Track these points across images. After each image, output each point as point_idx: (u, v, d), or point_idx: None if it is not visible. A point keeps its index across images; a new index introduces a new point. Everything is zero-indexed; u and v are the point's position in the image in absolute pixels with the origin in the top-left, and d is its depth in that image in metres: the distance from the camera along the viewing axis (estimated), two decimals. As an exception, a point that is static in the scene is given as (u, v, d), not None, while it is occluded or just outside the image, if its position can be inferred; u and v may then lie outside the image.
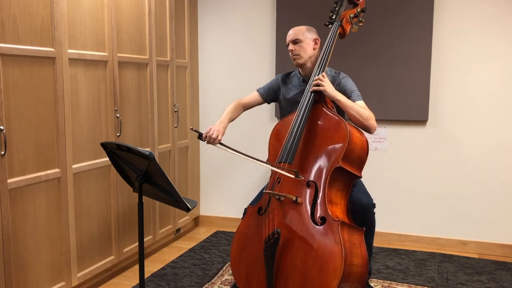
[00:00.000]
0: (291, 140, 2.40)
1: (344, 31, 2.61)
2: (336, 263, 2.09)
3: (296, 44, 2.65)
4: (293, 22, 3.79)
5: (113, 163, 2.30)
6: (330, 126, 2.40)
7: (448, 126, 3.58)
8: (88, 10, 2.74)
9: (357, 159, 2.38)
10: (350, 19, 2.61)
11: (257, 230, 2.39)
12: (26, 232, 2.39)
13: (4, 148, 2.23)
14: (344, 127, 2.34)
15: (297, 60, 2.67)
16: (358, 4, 2.64)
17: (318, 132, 2.42)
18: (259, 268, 2.32)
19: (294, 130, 2.41)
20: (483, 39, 3.45)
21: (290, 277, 2.21)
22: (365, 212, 2.48)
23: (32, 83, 2.38)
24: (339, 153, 2.31)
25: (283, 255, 2.25)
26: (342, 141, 2.32)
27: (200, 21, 4.06)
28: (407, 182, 3.70)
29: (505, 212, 3.52)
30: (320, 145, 2.39)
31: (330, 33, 2.58)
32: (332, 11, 2.62)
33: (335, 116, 2.41)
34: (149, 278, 3.08)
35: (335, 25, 2.59)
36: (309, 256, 2.18)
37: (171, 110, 3.63)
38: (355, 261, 2.15)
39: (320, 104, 2.46)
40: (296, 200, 2.29)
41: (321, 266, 2.13)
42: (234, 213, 4.10)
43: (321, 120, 2.44)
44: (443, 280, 3.07)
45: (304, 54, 2.65)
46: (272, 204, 2.38)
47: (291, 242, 2.24)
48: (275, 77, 2.93)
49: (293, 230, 2.25)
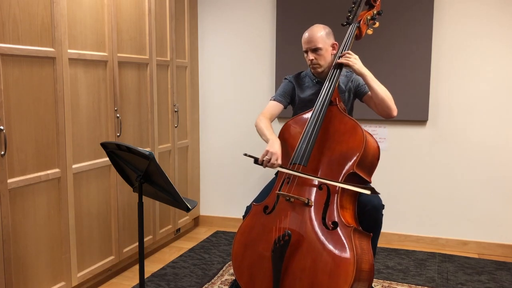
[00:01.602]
0: (306, 141, 2.35)
1: (361, 32, 2.59)
2: (348, 269, 2.08)
3: (315, 53, 2.59)
4: (293, 23, 3.81)
5: (113, 163, 2.30)
6: (346, 129, 2.37)
7: (448, 126, 3.59)
8: (88, 10, 2.74)
9: (369, 164, 2.37)
10: (367, 21, 2.59)
11: (263, 229, 2.35)
12: (26, 232, 2.39)
13: (4, 148, 2.23)
14: (361, 132, 2.32)
15: (317, 69, 2.63)
16: (375, 6, 2.62)
17: (333, 135, 2.38)
18: (264, 268, 2.28)
19: (309, 132, 2.37)
20: (483, 39, 3.45)
21: (298, 279, 2.18)
22: (375, 213, 2.46)
23: (32, 83, 2.38)
24: (355, 158, 2.29)
25: (291, 257, 2.22)
26: (358, 147, 2.30)
27: (200, 21, 4.06)
28: (407, 182, 3.70)
29: (505, 212, 3.52)
30: (335, 148, 2.35)
31: (347, 33, 2.55)
32: (350, 11, 2.57)
33: (351, 119, 2.38)
34: (149, 278, 3.08)
35: (353, 26, 2.56)
36: (319, 260, 2.15)
37: (171, 110, 3.63)
38: (364, 267, 2.15)
39: (335, 106, 2.43)
40: (307, 203, 2.26)
41: (332, 271, 2.11)
42: (234, 213, 4.10)
43: (336, 123, 2.40)
44: (443, 280, 3.07)
45: (324, 63, 2.61)
46: (280, 204, 2.34)
47: (300, 244, 2.21)
48: (284, 80, 2.84)
49: (303, 233, 2.22)
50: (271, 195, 2.42)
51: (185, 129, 3.89)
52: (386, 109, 2.49)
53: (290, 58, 3.75)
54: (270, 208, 2.38)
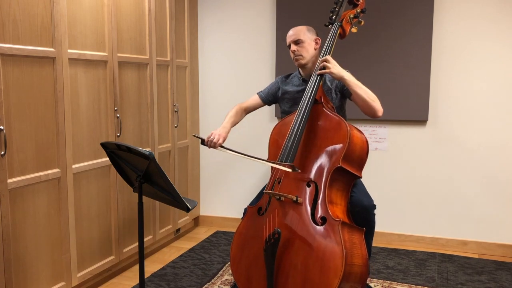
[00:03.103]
0: (291, 140, 2.40)
1: (344, 31, 2.61)
2: (337, 263, 2.10)
3: (298, 45, 2.67)
4: (293, 22, 3.79)
5: (113, 163, 2.30)
6: (331, 126, 2.40)
7: (448, 126, 3.58)
8: (88, 10, 2.74)
9: (357, 159, 2.38)
10: (350, 20, 2.62)
11: (257, 230, 2.39)
12: (26, 232, 2.39)
13: (4, 148, 2.23)
14: (345, 127, 2.34)
15: (300, 61, 2.68)
16: (358, 4, 2.65)
17: (318, 132, 2.42)
18: (259, 268, 2.32)
19: (294, 130, 2.41)
20: (483, 39, 3.45)
21: (291, 277, 2.21)
22: (366, 213, 2.48)
23: (32, 83, 2.38)
24: (339, 153, 2.31)
25: (284, 255, 2.25)
26: (342, 141, 2.32)
27: (200, 21, 4.06)
28: (407, 182, 3.70)
29: (505, 212, 3.52)
30: (321, 145, 2.39)
31: (330, 33, 2.58)
32: (332, 12, 2.62)
33: (336, 116, 2.41)
34: (149, 278, 3.08)
35: (335, 26, 2.59)
36: (309, 256, 2.18)
37: (171, 110, 3.63)
38: (355, 261, 2.15)
39: (320, 105, 2.46)
40: (296, 200, 2.29)
41: (322, 266, 2.13)
42: (234, 213, 4.10)
43: (322, 120, 2.44)
44: (443, 280, 3.07)
45: (307, 54, 2.66)
46: (272, 204, 2.38)
47: (291, 242, 2.24)
48: (275, 79, 2.95)
49: (294, 230, 2.26)
50: (264, 196, 2.45)
51: (185, 129, 3.89)
52: (369, 110, 2.48)
53: (290, 58, 3.74)
54: (263, 209, 2.42)
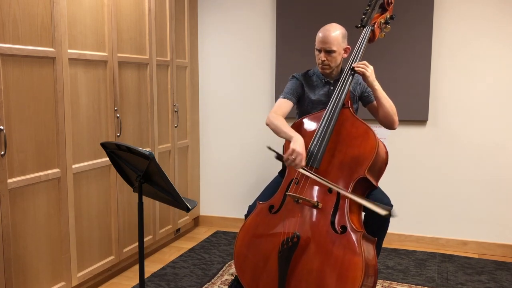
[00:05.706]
0: (318, 143, 2.34)
1: (374, 36, 2.57)
2: (357, 274, 2.09)
3: (329, 54, 2.55)
4: (293, 23, 3.81)
5: (113, 163, 2.30)
6: (358, 133, 2.36)
7: (448, 126, 3.58)
8: (88, 10, 2.74)
9: (378, 169, 2.39)
10: (381, 25, 2.58)
11: (268, 228, 2.33)
12: (26, 232, 2.39)
13: (4, 148, 2.23)
14: (373, 137, 2.32)
15: (326, 70, 2.60)
16: (388, 10, 2.61)
17: (345, 138, 2.37)
18: (269, 268, 2.27)
19: (322, 133, 2.35)
20: (483, 39, 3.45)
21: (304, 282, 2.18)
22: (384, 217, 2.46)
23: (32, 83, 2.38)
24: (366, 163, 2.28)
25: (298, 258, 2.21)
26: (370, 151, 2.29)
27: (200, 21, 4.06)
28: (407, 182, 3.70)
29: (505, 212, 3.52)
30: (346, 152, 2.34)
31: (361, 36, 2.52)
32: (364, 13, 2.55)
33: (363, 124, 2.38)
34: (149, 278, 3.08)
35: (367, 29, 2.53)
36: (327, 263, 2.15)
37: (171, 110, 3.63)
38: (370, 272, 2.16)
39: (347, 109, 2.42)
40: (317, 205, 2.25)
41: (340, 275, 2.11)
42: (234, 213, 4.10)
43: (349, 126, 2.39)
44: (443, 280, 3.07)
45: (334, 65, 2.59)
46: (288, 205, 2.32)
47: (308, 246, 2.21)
48: (293, 78, 2.72)
49: (311, 235, 2.21)
50: (277, 194, 2.40)
51: (185, 129, 3.89)
52: (389, 122, 2.54)
53: (290, 58, 3.75)
54: (276, 208, 2.36)
